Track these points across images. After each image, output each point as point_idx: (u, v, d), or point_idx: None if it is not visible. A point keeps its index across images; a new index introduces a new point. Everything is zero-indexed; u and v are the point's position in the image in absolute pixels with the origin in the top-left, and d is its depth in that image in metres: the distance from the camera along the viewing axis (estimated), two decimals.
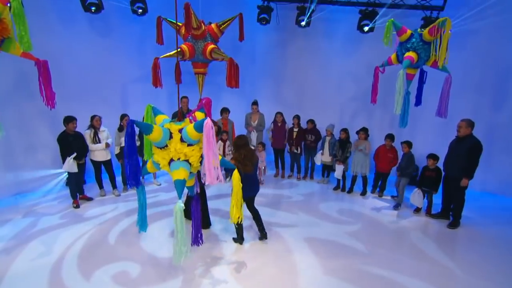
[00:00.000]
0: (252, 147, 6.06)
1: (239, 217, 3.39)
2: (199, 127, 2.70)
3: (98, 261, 3.94)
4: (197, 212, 3.29)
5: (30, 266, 3.82)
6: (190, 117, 2.89)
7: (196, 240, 3.40)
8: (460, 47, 5.90)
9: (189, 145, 2.92)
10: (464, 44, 6.05)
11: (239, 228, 4.36)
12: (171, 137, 2.91)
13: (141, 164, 3.11)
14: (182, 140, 2.90)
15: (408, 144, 5.79)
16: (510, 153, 6.14)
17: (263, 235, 4.46)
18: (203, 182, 2.81)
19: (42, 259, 3.96)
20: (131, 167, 2.93)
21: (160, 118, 3.10)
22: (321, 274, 3.78)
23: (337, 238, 4.62)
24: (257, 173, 4.83)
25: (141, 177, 3.19)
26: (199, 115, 3.02)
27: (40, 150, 6.05)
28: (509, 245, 4.56)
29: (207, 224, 4.79)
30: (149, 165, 3.11)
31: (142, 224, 3.22)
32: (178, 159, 2.91)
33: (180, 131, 2.90)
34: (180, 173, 2.89)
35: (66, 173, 5.42)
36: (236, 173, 2.95)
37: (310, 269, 3.86)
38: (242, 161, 4.06)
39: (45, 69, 4.15)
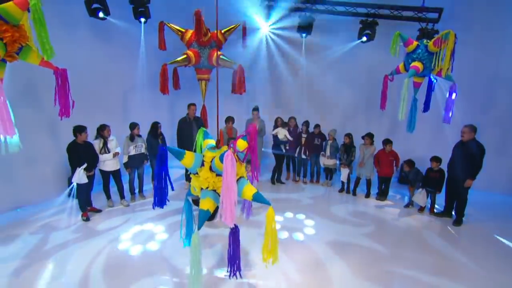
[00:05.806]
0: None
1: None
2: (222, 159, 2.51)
3: (128, 278, 3.78)
4: (236, 242, 3.03)
5: None
6: (231, 145, 2.70)
7: (235, 270, 3.08)
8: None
9: (218, 175, 2.76)
10: (456, 53, 6.48)
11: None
12: (203, 164, 2.82)
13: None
14: (211, 169, 2.78)
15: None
16: (498, 153, 6.65)
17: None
18: (218, 219, 2.56)
19: (64, 280, 3.73)
20: (158, 190, 2.91)
21: (206, 142, 3.04)
22: (354, 279, 3.88)
23: (357, 241, 4.79)
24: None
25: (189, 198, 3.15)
26: (241, 144, 2.78)
27: (41, 161, 5.71)
28: None
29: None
30: (192, 189, 3.03)
31: (187, 238, 3.16)
32: (207, 188, 2.80)
33: (213, 159, 2.77)
34: (205, 203, 2.77)
35: (74, 184, 5.16)
36: (271, 211, 2.67)
37: (342, 276, 3.93)
38: None
39: (64, 78, 3.96)
